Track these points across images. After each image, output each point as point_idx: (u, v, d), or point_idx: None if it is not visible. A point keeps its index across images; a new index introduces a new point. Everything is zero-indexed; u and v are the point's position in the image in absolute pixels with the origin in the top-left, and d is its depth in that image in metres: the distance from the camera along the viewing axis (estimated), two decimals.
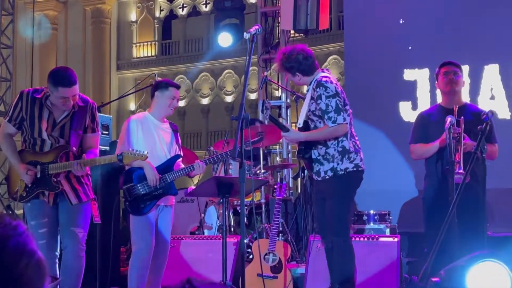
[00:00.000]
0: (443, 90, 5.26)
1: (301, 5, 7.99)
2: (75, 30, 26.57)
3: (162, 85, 5.11)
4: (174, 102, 5.13)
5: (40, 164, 4.53)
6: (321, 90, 4.58)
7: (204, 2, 25.88)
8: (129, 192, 5.00)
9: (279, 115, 8.64)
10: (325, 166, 4.67)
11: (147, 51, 27.02)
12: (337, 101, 4.56)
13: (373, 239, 5.70)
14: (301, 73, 4.74)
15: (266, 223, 6.76)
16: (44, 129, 4.54)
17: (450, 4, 7.86)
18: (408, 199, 7.74)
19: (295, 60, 4.71)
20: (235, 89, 25.69)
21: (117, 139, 5.23)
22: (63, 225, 4.59)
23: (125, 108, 25.54)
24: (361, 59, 8.36)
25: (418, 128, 5.33)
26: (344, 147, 4.64)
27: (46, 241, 4.52)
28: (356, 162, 4.66)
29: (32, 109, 4.55)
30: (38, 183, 4.53)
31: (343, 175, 4.63)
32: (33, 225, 4.56)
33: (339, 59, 22.79)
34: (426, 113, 5.46)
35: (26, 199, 4.56)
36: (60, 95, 4.44)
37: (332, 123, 4.54)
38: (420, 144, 5.27)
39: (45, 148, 4.57)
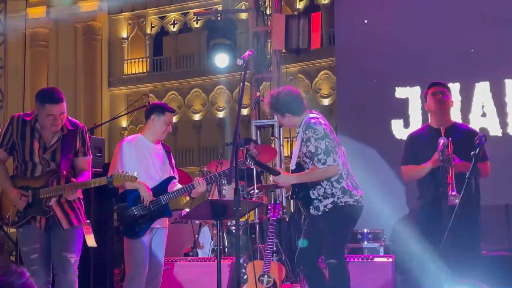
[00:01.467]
0: (432, 110, 5.27)
1: (292, 25, 8.04)
2: (66, 48, 26.55)
3: (159, 110, 5.11)
4: (169, 127, 5.15)
5: (31, 189, 4.52)
6: (310, 133, 4.65)
7: (195, 19, 25.94)
8: (124, 215, 4.98)
9: (271, 134, 8.66)
10: (325, 201, 4.71)
11: (138, 67, 27.03)
12: (326, 142, 4.62)
13: (367, 259, 5.71)
14: (290, 114, 4.80)
15: (260, 243, 6.76)
16: (36, 150, 4.53)
17: (441, 22, 7.93)
18: (401, 216, 7.75)
19: (283, 101, 4.77)
20: (226, 105, 25.71)
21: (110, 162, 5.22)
22: (55, 251, 4.57)
23: (117, 126, 25.50)
24: (353, 77, 8.41)
25: (408, 150, 5.32)
26: (343, 187, 4.69)
27: (38, 267, 4.49)
28: (356, 197, 4.72)
29: (23, 132, 4.55)
30: (29, 208, 4.51)
31: (343, 206, 4.68)
32: (25, 251, 4.55)
33: (330, 74, 22.87)
34: (415, 134, 5.45)
35: (17, 224, 4.53)
36: (48, 113, 4.46)
37: (321, 165, 4.61)
38: (411, 165, 5.25)
39: (36, 173, 4.55)
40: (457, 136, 4.96)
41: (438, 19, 7.96)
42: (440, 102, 5.18)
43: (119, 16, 27.27)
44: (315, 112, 4.88)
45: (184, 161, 24.67)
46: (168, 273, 5.89)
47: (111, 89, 27.10)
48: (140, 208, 4.93)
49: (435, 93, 5.21)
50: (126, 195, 5.01)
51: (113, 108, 25.60)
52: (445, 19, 7.95)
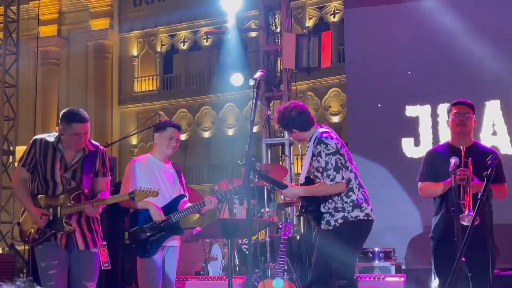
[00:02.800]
0: (453, 130, 5.22)
1: (303, 44, 8.09)
2: (77, 66, 26.69)
3: (161, 126, 5.18)
4: (173, 142, 5.15)
5: (52, 207, 4.61)
6: (322, 148, 4.66)
7: (205, 37, 26.03)
8: (135, 234, 5.01)
9: (282, 153, 8.68)
10: (336, 216, 4.72)
11: (148, 85, 27.12)
12: (337, 159, 4.63)
13: (379, 278, 5.69)
14: (297, 129, 4.83)
15: (271, 261, 6.75)
16: (57, 169, 4.63)
17: (451, 41, 7.94)
18: (413, 235, 7.73)
19: (289, 117, 4.79)
20: (236, 123, 25.73)
21: (121, 180, 5.26)
22: (75, 276, 4.65)
23: (127, 143, 25.56)
24: (363, 95, 8.43)
25: (427, 166, 5.23)
26: (353, 201, 4.70)
27: (54, 283, 4.55)
28: (366, 211, 4.72)
29: (45, 153, 4.67)
30: (50, 226, 4.59)
31: (354, 222, 4.68)
32: (43, 266, 4.60)
33: (340, 92, 22.88)
34: (434, 150, 5.36)
35: (38, 242, 4.60)
36: (74, 132, 4.60)
37: (330, 181, 4.62)
38: (429, 182, 5.18)
39: (57, 191, 4.65)
40: (476, 156, 4.88)
41: (449, 38, 7.97)
42: (462, 125, 5.09)
43: (129, 34, 27.43)
44: (325, 126, 4.89)
45: (194, 178, 24.67)
46: None
47: (121, 106, 27.19)
48: (151, 227, 4.95)
49: (458, 114, 5.11)
50: (137, 214, 5.04)
51: (124, 126, 25.68)
52: (455, 38, 7.95)
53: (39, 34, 21.40)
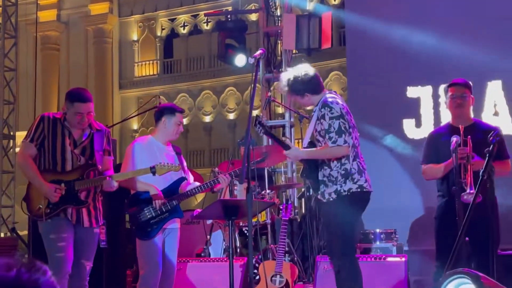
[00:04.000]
0: (451, 112, 5.23)
1: (303, 25, 8.03)
2: (77, 51, 26.63)
3: (169, 111, 5.15)
4: (180, 127, 5.18)
5: (64, 182, 4.63)
6: (326, 111, 4.59)
7: (205, 21, 25.95)
8: (136, 216, 5.01)
9: (283, 134, 8.64)
10: (329, 188, 4.65)
11: (149, 70, 27.06)
12: (340, 123, 4.56)
13: (380, 259, 5.68)
14: (310, 93, 4.75)
15: (272, 243, 6.75)
16: (67, 145, 4.67)
17: (452, 21, 7.88)
18: (414, 216, 7.72)
19: (301, 81, 4.72)
20: (237, 107, 25.70)
21: (122, 162, 5.24)
22: (75, 255, 4.66)
23: (128, 128, 25.56)
24: (364, 76, 8.38)
25: (429, 149, 5.26)
26: (346, 170, 4.61)
27: (64, 254, 4.58)
28: (360, 183, 4.62)
29: (55, 129, 4.71)
30: (63, 200, 4.61)
31: (347, 196, 4.60)
32: (52, 238, 4.62)
33: (341, 75, 22.83)
34: (436, 132, 5.40)
35: (50, 215, 4.62)
36: (76, 111, 4.65)
37: (332, 144, 4.54)
38: (431, 164, 5.19)
39: (67, 167, 4.68)
40: (477, 134, 4.90)
41: (449, 18, 7.91)
42: (460, 107, 5.12)
43: (129, 18, 27.33)
44: (333, 92, 4.83)
45: (195, 163, 24.67)
46: (180, 274, 5.88)
47: (122, 91, 27.15)
48: (151, 210, 4.94)
49: (454, 97, 5.13)
50: (138, 196, 5.03)
51: (124, 111, 25.64)
52: (456, 18, 7.90)
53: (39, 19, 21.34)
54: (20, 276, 1.61)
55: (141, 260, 5.00)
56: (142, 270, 4.99)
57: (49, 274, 1.67)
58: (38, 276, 1.63)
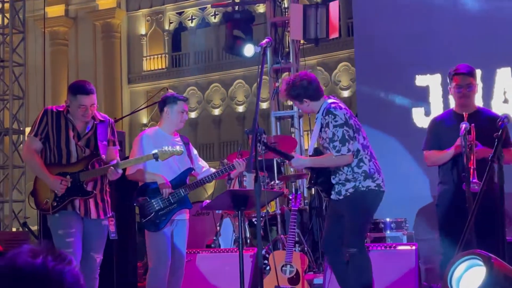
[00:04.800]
0: (456, 100, 5.20)
1: (310, 15, 7.99)
2: (85, 46, 26.69)
3: (171, 100, 5.15)
4: (184, 115, 5.17)
5: (69, 174, 4.64)
6: (330, 118, 4.63)
7: (213, 14, 25.94)
8: (144, 208, 5.01)
9: (291, 126, 8.63)
10: (347, 185, 4.71)
11: (157, 64, 27.10)
12: (344, 131, 4.60)
13: (390, 247, 5.67)
14: (308, 99, 4.77)
15: (282, 233, 6.75)
16: (71, 138, 4.67)
17: (460, 8, 7.83)
18: (424, 205, 7.68)
19: (300, 86, 4.74)
20: (246, 99, 25.69)
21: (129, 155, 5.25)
22: (84, 248, 4.67)
23: (138, 122, 25.62)
24: (372, 65, 8.34)
25: (432, 135, 5.25)
26: (365, 171, 4.68)
27: (72, 250, 4.57)
28: (378, 182, 4.71)
29: (58, 121, 4.71)
30: (69, 192, 4.62)
31: (365, 191, 4.67)
32: (60, 234, 4.63)
33: (350, 66, 22.76)
34: (439, 119, 5.37)
35: (57, 208, 4.62)
36: (79, 104, 4.64)
37: (336, 153, 4.60)
38: (434, 150, 5.18)
39: (72, 160, 4.68)
40: (481, 122, 4.87)
41: (458, 5, 7.86)
42: (464, 97, 5.08)
43: (137, 12, 27.35)
44: (332, 97, 4.85)
45: (205, 156, 24.69)
46: (190, 265, 5.89)
47: (131, 86, 27.20)
48: (159, 201, 4.95)
49: (459, 86, 5.06)
50: (146, 187, 5.03)
51: (133, 105, 25.67)
52: (464, 5, 7.84)
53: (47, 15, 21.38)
54: (46, 264, 1.61)
55: (150, 251, 5.01)
56: (151, 261, 5.00)
57: (74, 264, 1.67)
58: (63, 265, 1.63)
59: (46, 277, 1.60)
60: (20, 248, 1.67)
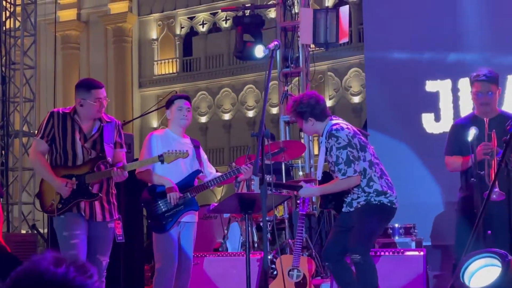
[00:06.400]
0: (476, 106, 5.08)
1: (320, 19, 7.98)
2: (97, 50, 26.82)
3: (169, 101, 5.19)
4: (183, 112, 5.14)
5: (75, 176, 4.62)
6: (333, 141, 4.61)
7: (224, 19, 26.00)
8: (151, 210, 5.01)
9: (300, 130, 8.60)
10: (360, 198, 4.69)
11: (168, 68, 27.18)
12: (348, 152, 4.57)
13: (398, 253, 5.63)
14: (313, 118, 4.75)
15: (290, 238, 6.72)
16: (78, 140, 4.66)
17: (470, 15, 7.80)
18: (433, 212, 7.65)
19: (307, 105, 4.73)
20: (256, 104, 25.72)
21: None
22: (89, 251, 4.65)
23: (148, 126, 25.68)
24: (382, 71, 8.33)
25: (452, 140, 5.14)
26: (377, 190, 4.65)
27: (76, 252, 4.55)
28: (391, 198, 4.67)
29: (65, 123, 4.69)
30: (74, 194, 4.60)
31: (376, 205, 4.64)
32: (65, 235, 4.60)
33: (360, 72, 22.73)
34: (459, 123, 5.26)
35: (63, 210, 4.61)
36: (95, 97, 4.65)
37: (342, 176, 4.58)
38: (455, 156, 5.09)
39: (78, 162, 4.66)
40: (503, 127, 4.74)
41: (469, 11, 7.83)
42: (486, 105, 4.96)
43: (148, 17, 27.46)
44: (335, 118, 4.84)
45: (215, 161, 24.72)
46: (197, 268, 5.87)
47: (141, 90, 27.30)
48: (165, 202, 4.94)
49: (480, 94, 4.95)
50: (153, 189, 5.03)
51: (144, 109, 25.73)
52: (474, 11, 7.81)
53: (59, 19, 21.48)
54: (68, 274, 1.59)
55: (157, 253, 5.00)
56: (157, 263, 5.00)
57: (96, 278, 1.65)
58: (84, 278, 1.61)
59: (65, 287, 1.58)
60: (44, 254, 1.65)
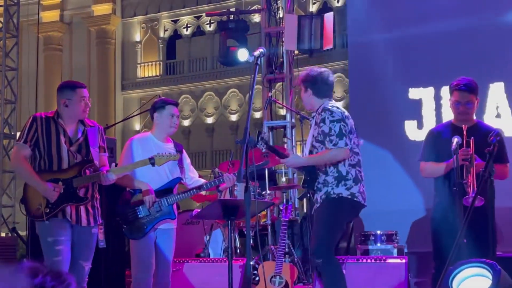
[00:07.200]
0: (454, 115, 5.13)
1: (305, 26, 7.99)
2: (79, 51, 26.66)
3: (159, 105, 5.10)
4: (174, 119, 5.09)
5: (61, 181, 4.57)
6: (326, 114, 4.54)
7: (208, 22, 25.97)
8: (126, 215, 4.95)
9: (284, 135, 8.61)
10: (321, 192, 4.60)
11: (151, 71, 27.08)
12: (341, 126, 4.50)
13: (380, 260, 5.64)
14: (311, 90, 4.70)
15: (272, 244, 6.71)
16: (63, 144, 4.61)
17: (454, 23, 7.85)
18: (415, 219, 7.68)
19: (312, 77, 4.69)
20: (239, 108, 25.70)
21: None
22: (73, 257, 4.62)
23: (130, 129, 25.55)
24: (366, 78, 8.35)
25: (429, 146, 5.18)
26: (340, 172, 4.55)
27: (61, 258, 4.52)
28: (352, 190, 4.55)
29: (48, 127, 4.65)
30: (62, 198, 4.56)
31: (335, 199, 4.53)
32: (49, 241, 4.56)
33: (344, 77, 22.78)
34: (436, 130, 5.30)
35: (51, 215, 4.55)
36: (81, 96, 4.65)
37: (332, 146, 4.47)
38: (431, 162, 5.12)
39: (63, 166, 4.62)
40: (480, 136, 4.81)
41: (452, 19, 7.87)
42: (464, 114, 5.01)
43: (132, 19, 27.35)
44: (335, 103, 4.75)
45: (197, 164, 24.65)
46: (178, 274, 5.85)
47: (124, 92, 27.17)
48: (141, 208, 4.89)
49: (458, 104, 5.00)
50: (130, 194, 4.98)
51: (127, 112, 25.63)
52: (458, 19, 7.86)
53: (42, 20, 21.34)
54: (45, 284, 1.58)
55: (133, 260, 4.95)
56: (134, 270, 4.94)
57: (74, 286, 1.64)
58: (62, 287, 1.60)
59: None
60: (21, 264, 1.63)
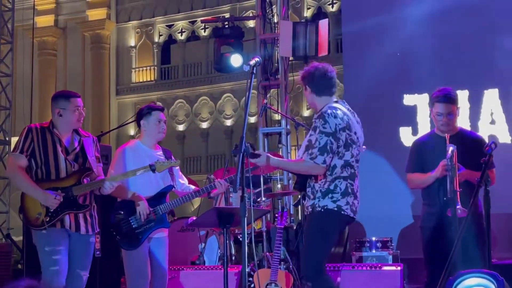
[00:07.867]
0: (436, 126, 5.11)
1: (299, 32, 7.99)
2: (74, 56, 26.62)
3: (145, 112, 5.06)
4: (162, 124, 5.07)
5: (60, 189, 4.57)
6: (319, 123, 4.36)
7: (203, 27, 25.96)
8: (120, 226, 4.93)
9: (279, 142, 8.61)
10: (308, 202, 4.46)
11: (146, 76, 27.05)
12: (328, 141, 4.28)
13: (376, 268, 5.65)
14: (311, 88, 4.57)
15: (267, 251, 6.70)
16: (60, 153, 4.62)
17: (449, 29, 7.89)
18: (410, 225, 7.69)
19: (310, 73, 4.55)
20: (234, 113, 25.68)
21: None
22: (70, 265, 4.61)
23: (125, 134, 25.50)
24: (360, 84, 8.38)
25: (414, 157, 5.15)
26: (328, 188, 4.37)
27: (58, 268, 4.52)
28: (339, 203, 4.35)
29: (44, 137, 4.66)
30: (62, 207, 4.55)
31: (321, 212, 4.35)
32: (47, 251, 4.56)
33: (338, 82, 22.80)
34: (421, 140, 5.27)
35: (51, 223, 4.55)
36: (75, 105, 4.69)
37: (309, 159, 4.29)
38: (417, 173, 5.10)
39: (61, 174, 4.63)
40: (463, 144, 4.83)
41: (446, 26, 7.91)
42: (446, 125, 4.97)
43: (127, 24, 27.33)
44: (340, 102, 4.60)
45: (192, 169, 24.63)
46: (174, 282, 5.84)
47: (119, 97, 27.13)
48: (135, 219, 4.88)
49: (439, 115, 4.96)
50: (124, 204, 4.96)
51: (121, 117, 25.59)
52: (453, 26, 7.89)
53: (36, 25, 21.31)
54: None
55: (127, 270, 4.93)
56: (129, 280, 4.93)
57: None
58: None
59: None
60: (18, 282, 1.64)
